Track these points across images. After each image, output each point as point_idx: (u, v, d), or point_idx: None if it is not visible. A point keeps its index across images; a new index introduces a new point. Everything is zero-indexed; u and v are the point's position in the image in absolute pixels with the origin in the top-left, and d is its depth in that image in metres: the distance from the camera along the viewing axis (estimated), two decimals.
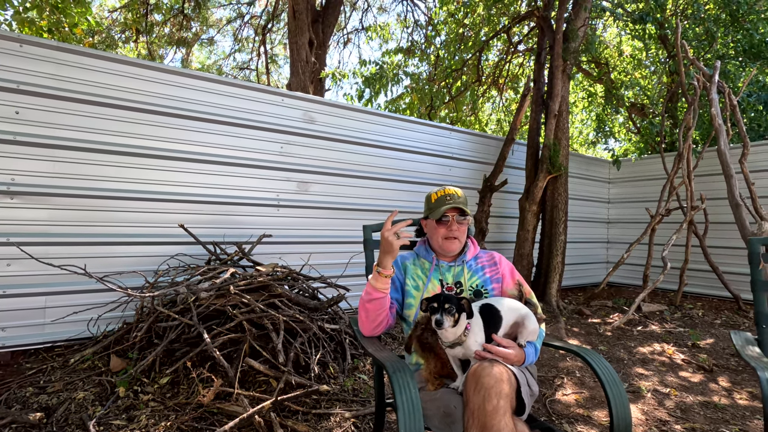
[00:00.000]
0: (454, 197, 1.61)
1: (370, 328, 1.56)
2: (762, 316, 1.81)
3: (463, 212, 1.62)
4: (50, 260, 2.80)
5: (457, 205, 1.59)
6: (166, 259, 3.28)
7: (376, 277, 1.47)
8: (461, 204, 1.60)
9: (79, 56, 3.02)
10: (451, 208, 1.60)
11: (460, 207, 1.60)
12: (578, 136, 11.85)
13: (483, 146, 5.43)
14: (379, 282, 1.47)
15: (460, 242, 1.63)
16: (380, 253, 1.47)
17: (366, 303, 1.51)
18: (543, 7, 5.47)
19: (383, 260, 1.46)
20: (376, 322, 1.54)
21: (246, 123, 3.70)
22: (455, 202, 1.60)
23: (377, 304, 1.50)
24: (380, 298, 1.49)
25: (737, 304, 5.15)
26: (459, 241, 1.62)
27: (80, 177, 3.03)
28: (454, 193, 1.62)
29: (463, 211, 1.62)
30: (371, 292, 1.49)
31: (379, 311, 1.51)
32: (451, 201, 1.60)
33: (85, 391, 2.28)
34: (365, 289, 1.51)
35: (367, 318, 1.54)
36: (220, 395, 2.23)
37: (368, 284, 1.50)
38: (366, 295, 1.50)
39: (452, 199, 1.60)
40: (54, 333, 2.93)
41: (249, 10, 11.37)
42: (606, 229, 7.08)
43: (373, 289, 1.48)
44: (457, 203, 1.59)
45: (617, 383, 1.30)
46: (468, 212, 1.63)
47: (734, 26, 6.26)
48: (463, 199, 1.63)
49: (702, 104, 5.68)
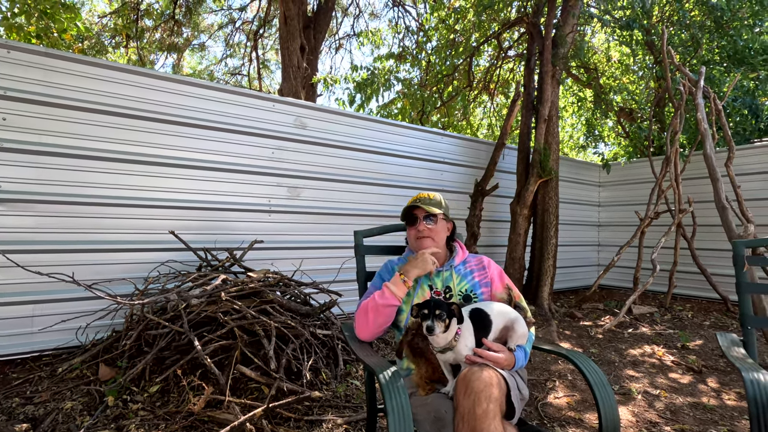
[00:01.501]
0: (423, 199, 1.66)
1: (372, 333, 1.56)
2: (747, 317, 1.84)
3: (431, 213, 1.63)
4: (38, 268, 2.76)
5: (421, 205, 1.63)
6: (157, 266, 3.26)
7: (398, 284, 1.52)
8: (429, 204, 1.63)
9: (68, 62, 3.01)
10: (417, 208, 1.65)
11: (424, 207, 1.62)
12: (568, 140, 11.97)
13: (474, 151, 5.47)
14: (400, 289, 1.52)
15: (433, 241, 1.65)
16: (410, 266, 1.55)
17: (381, 307, 1.52)
18: (532, 13, 5.55)
19: (411, 272, 1.53)
20: (381, 327, 1.55)
21: (237, 128, 3.69)
22: (422, 202, 1.64)
23: (391, 310, 1.53)
24: (396, 305, 1.53)
25: (726, 306, 5.22)
26: (432, 240, 1.64)
27: (68, 183, 3.00)
28: (426, 197, 1.67)
29: (431, 212, 1.63)
30: (389, 298, 1.51)
31: (389, 317, 1.54)
32: (418, 202, 1.65)
33: (73, 401, 2.25)
34: (381, 293, 1.53)
35: (375, 322, 1.53)
36: (211, 403, 2.21)
37: (386, 289, 1.52)
38: (382, 299, 1.51)
39: (421, 200, 1.65)
40: (42, 342, 2.89)
41: (240, 16, 11.38)
42: (597, 232, 7.14)
43: (392, 294, 1.51)
44: (423, 204, 1.63)
45: (605, 385, 1.32)
46: (437, 212, 1.63)
47: (719, 32, 6.39)
48: (434, 201, 1.66)
49: (688, 109, 5.78)
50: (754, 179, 5.36)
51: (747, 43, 6.23)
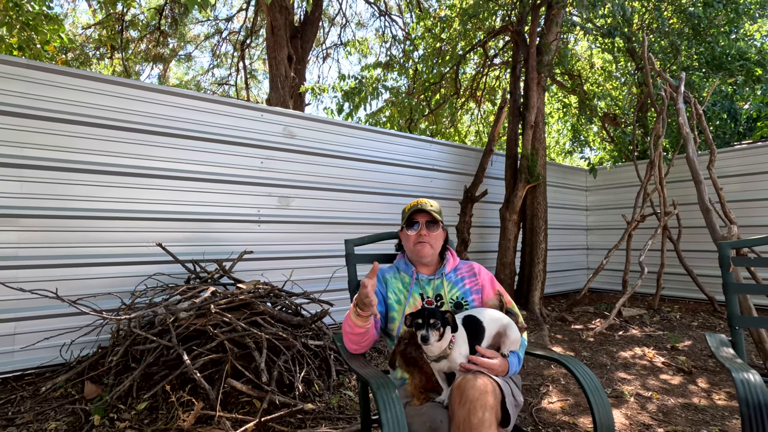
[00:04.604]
0: (425, 205, 1.65)
1: (357, 349, 1.56)
2: (734, 317, 1.86)
3: (435, 219, 1.63)
4: (20, 284, 2.69)
5: (426, 209, 1.62)
6: (144, 280, 3.20)
7: (357, 314, 1.43)
8: (431, 210, 1.63)
9: (51, 74, 2.96)
10: (421, 212, 1.64)
11: (429, 212, 1.62)
12: (555, 145, 12.14)
13: (463, 158, 5.51)
14: (359, 319, 1.44)
15: (431, 248, 1.63)
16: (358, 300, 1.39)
17: (349, 334, 1.49)
18: (516, 22, 5.64)
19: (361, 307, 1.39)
20: (363, 345, 1.54)
21: (225, 139, 3.67)
22: (425, 207, 1.64)
23: (360, 336, 1.49)
24: (362, 333, 1.47)
25: (713, 306, 5.30)
26: (430, 246, 1.63)
27: (52, 197, 2.94)
28: (426, 203, 1.66)
29: (435, 218, 1.63)
30: (353, 327, 1.46)
31: (365, 336, 1.50)
32: (421, 207, 1.64)
33: (57, 421, 2.18)
34: (347, 319, 1.48)
35: (352, 342, 1.53)
36: (202, 419, 2.16)
37: (349, 317, 1.47)
38: (349, 328, 1.48)
39: (423, 206, 1.64)
40: (24, 360, 2.81)
41: (227, 26, 11.37)
42: (585, 236, 7.23)
43: (353, 324, 1.46)
44: (426, 209, 1.63)
45: (599, 390, 1.32)
46: (439, 219, 1.64)
47: (697, 39, 6.58)
48: (435, 208, 1.66)
49: (670, 113, 5.91)
50: (735, 181, 5.48)
51: (724, 50, 6.42)
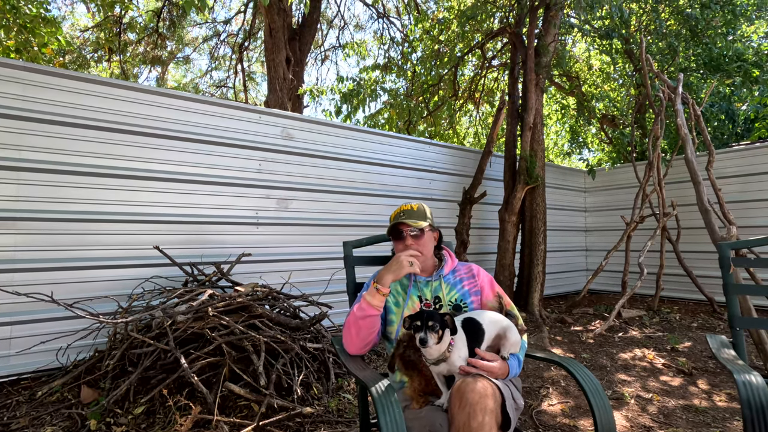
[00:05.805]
0: (408, 212, 1.59)
1: (359, 347, 1.53)
2: (735, 318, 1.85)
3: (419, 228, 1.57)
4: (16, 288, 2.67)
5: (406, 220, 1.56)
6: (141, 283, 3.18)
7: (373, 294, 1.46)
8: (413, 217, 1.57)
9: (48, 76, 2.95)
10: (401, 223, 1.57)
11: (409, 223, 1.55)
12: (553, 147, 12.15)
13: (461, 159, 5.50)
14: (375, 299, 1.46)
15: (421, 254, 1.57)
16: (384, 271, 1.49)
17: (359, 320, 1.48)
18: (514, 23, 5.65)
19: (385, 278, 1.47)
20: (367, 340, 1.51)
21: (223, 141, 3.65)
22: (407, 216, 1.57)
23: (370, 321, 1.48)
24: (375, 315, 1.48)
25: (712, 307, 5.29)
26: (421, 254, 1.57)
27: (49, 200, 2.92)
28: (410, 208, 1.60)
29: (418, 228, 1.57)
30: (366, 309, 1.47)
31: (372, 329, 1.49)
32: (404, 216, 1.58)
33: (53, 426, 2.16)
34: (358, 305, 1.49)
35: (358, 336, 1.50)
36: (199, 423, 2.14)
37: (363, 300, 1.48)
38: (360, 311, 1.48)
39: (405, 214, 1.58)
40: (20, 365, 2.78)
41: (225, 29, 11.38)
42: (584, 238, 7.22)
43: (368, 305, 1.47)
44: (408, 219, 1.56)
45: (600, 392, 1.31)
46: (422, 225, 1.57)
47: (694, 41, 6.60)
48: (419, 213, 1.59)
49: (668, 115, 5.91)
50: (733, 182, 5.49)
51: (721, 51, 6.43)
